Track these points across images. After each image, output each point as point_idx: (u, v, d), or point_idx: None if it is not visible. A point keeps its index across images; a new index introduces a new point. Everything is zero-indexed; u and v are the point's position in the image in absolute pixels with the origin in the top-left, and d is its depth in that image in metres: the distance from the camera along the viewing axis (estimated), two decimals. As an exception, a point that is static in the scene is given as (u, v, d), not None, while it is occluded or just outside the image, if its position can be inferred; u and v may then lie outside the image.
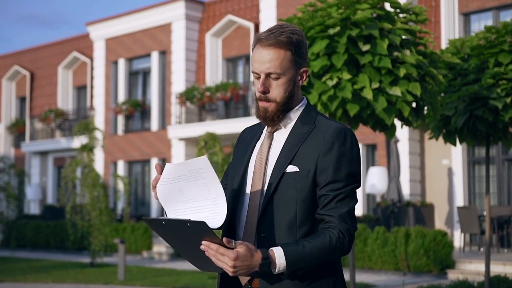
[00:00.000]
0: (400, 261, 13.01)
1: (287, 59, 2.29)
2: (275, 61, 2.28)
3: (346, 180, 2.26)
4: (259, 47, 2.31)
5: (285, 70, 2.30)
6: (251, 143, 2.46)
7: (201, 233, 2.03)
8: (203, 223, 2.00)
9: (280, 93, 2.32)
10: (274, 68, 2.28)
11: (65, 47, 25.87)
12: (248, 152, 2.44)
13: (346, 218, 2.23)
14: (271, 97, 2.32)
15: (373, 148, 17.47)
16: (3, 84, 27.83)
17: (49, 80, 26.24)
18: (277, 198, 2.27)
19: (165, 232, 2.12)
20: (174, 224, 2.06)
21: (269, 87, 2.31)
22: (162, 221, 2.06)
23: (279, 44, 2.28)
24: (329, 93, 6.17)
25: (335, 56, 6.16)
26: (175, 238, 2.12)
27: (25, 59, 27.52)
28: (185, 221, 2.02)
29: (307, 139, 2.30)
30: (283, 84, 2.31)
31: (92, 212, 15.13)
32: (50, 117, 24.66)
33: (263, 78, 2.31)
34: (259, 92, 2.32)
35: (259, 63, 2.30)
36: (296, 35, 2.32)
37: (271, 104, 2.32)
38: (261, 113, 2.35)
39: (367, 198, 17.37)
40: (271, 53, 2.28)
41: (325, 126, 2.32)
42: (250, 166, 2.40)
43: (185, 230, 2.05)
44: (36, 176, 25.71)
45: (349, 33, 6.15)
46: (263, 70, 2.29)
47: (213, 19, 21.42)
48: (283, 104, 2.33)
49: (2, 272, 14.43)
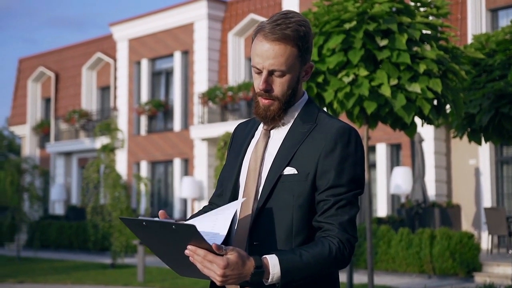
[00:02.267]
0: (425, 264, 12.70)
1: (293, 55, 2.06)
2: (280, 57, 2.05)
3: (349, 185, 2.04)
4: (262, 39, 2.06)
5: (290, 67, 2.07)
6: (246, 141, 2.25)
7: (188, 237, 1.85)
8: (192, 226, 1.81)
9: (283, 91, 2.10)
10: (278, 65, 2.05)
11: (89, 48, 25.94)
12: (242, 151, 2.23)
13: (347, 227, 2.02)
14: (274, 95, 2.10)
15: (397, 148, 17.14)
16: (29, 85, 28.03)
17: (74, 81, 26.35)
18: (272, 203, 2.06)
19: (145, 233, 1.95)
20: (156, 226, 1.88)
21: (271, 84, 2.09)
22: (143, 222, 1.89)
23: (285, 39, 2.04)
24: (345, 90, 5.94)
25: (352, 51, 5.94)
26: (156, 240, 1.95)
27: (50, 60, 27.68)
28: (170, 223, 1.84)
29: (307, 139, 2.09)
30: (287, 81, 2.09)
31: (113, 213, 15.06)
32: (74, 117, 24.75)
33: (265, 75, 2.08)
34: (260, 89, 2.09)
35: (262, 58, 2.06)
36: (303, 26, 2.08)
37: (274, 102, 2.10)
38: (261, 111, 2.12)
39: (392, 199, 17.05)
40: (276, 48, 2.04)
41: (327, 125, 2.10)
42: (243, 166, 2.19)
43: (168, 233, 1.88)
44: (61, 177, 25.82)
45: (366, 28, 5.92)
46: (266, 67, 2.06)
47: (236, 18, 21.26)
48: (286, 102, 2.12)
49: (24, 272, 14.44)
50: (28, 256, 18.76)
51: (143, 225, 1.89)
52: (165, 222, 1.85)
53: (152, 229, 1.90)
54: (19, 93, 28.94)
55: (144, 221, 1.88)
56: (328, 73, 6.07)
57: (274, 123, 2.15)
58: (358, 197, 2.10)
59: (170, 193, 22.31)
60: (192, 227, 1.81)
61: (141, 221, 1.89)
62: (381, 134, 16.46)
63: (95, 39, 26.03)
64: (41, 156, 27.45)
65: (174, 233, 1.86)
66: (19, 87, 29.02)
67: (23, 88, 28.64)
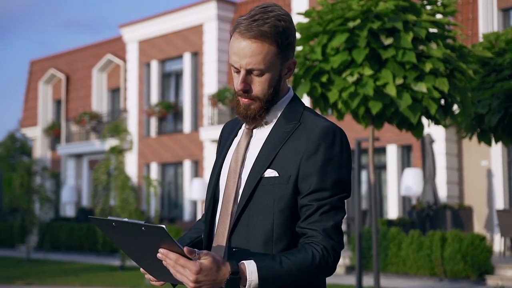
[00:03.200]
0: (436, 266, 12.52)
1: (271, 53, 1.95)
2: (258, 56, 1.93)
3: (333, 189, 1.92)
4: (239, 37, 1.95)
5: (270, 66, 1.96)
6: (229, 140, 2.15)
7: (158, 240, 1.76)
8: (161, 228, 1.71)
9: (264, 90, 1.99)
10: (256, 64, 1.94)
11: (99, 50, 25.97)
12: (224, 151, 2.13)
13: (331, 233, 1.90)
14: (254, 95, 1.99)
15: (408, 149, 16.97)
16: (40, 87, 28.10)
17: (84, 82, 26.38)
18: (252, 207, 1.95)
19: (116, 234, 1.86)
20: (125, 227, 1.78)
21: (250, 83, 1.98)
22: (112, 222, 1.80)
23: (262, 36, 1.93)
24: (350, 90, 5.83)
25: (356, 50, 5.82)
26: (127, 242, 1.86)
27: (61, 62, 27.74)
28: (139, 224, 1.74)
29: (290, 139, 1.98)
30: (267, 80, 1.98)
31: (121, 215, 14.98)
32: (84, 119, 24.77)
33: (243, 75, 1.97)
34: (238, 90, 1.98)
35: (239, 57, 1.95)
36: (283, 21, 1.96)
37: (253, 101, 2.00)
38: (242, 110, 2.01)
39: (402, 201, 16.87)
40: (252, 46, 1.93)
41: (311, 124, 1.98)
42: (224, 167, 2.09)
43: (139, 235, 1.78)
44: (72, 179, 25.85)
45: (371, 26, 5.80)
46: (243, 66, 1.96)
47: (245, 19, 21.15)
48: (267, 101, 2.01)
49: (33, 274, 14.42)
50: (38, 258, 18.76)
51: (113, 225, 1.80)
52: (134, 223, 1.75)
53: (122, 230, 1.81)
54: (30, 95, 29.04)
55: (113, 221, 1.79)
56: (332, 72, 5.95)
57: (255, 123, 2.04)
58: (345, 202, 1.98)
59: (180, 194, 22.26)
60: (161, 229, 1.71)
61: (110, 221, 1.80)
62: (392, 135, 16.30)
63: (105, 41, 26.06)
64: (52, 158, 27.50)
65: (144, 235, 1.76)
66: (30, 89, 29.11)
67: (34, 90, 28.73)
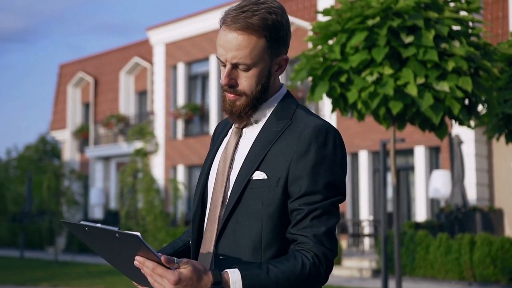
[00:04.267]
0: (465, 270, 12.25)
1: (259, 47, 1.83)
2: (244, 49, 1.81)
3: (325, 192, 1.79)
4: (225, 28, 1.84)
5: (257, 61, 1.84)
6: (219, 140, 2.04)
7: (134, 247, 1.66)
8: (135, 236, 1.61)
9: (251, 86, 1.87)
10: (242, 58, 1.82)
11: (126, 53, 26.11)
12: (213, 151, 2.02)
13: (323, 239, 1.77)
14: (240, 90, 1.87)
15: (436, 150, 16.67)
16: (69, 90, 28.37)
17: (112, 85, 26.55)
18: (240, 211, 1.83)
19: (90, 239, 1.77)
20: (99, 232, 1.70)
21: (236, 78, 1.86)
22: (85, 227, 1.70)
23: (249, 29, 1.81)
24: (369, 89, 5.67)
25: (375, 49, 5.66)
26: (103, 247, 1.77)
27: (89, 65, 27.97)
28: (113, 231, 1.64)
29: (280, 139, 1.85)
30: (254, 76, 1.86)
31: (147, 217, 15.00)
32: (112, 122, 24.92)
33: (228, 69, 1.85)
34: (223, 84, 1.87)
35: (224, 49, 1.84)
36: (274, 14, 1.83)
37: (240, 97, 1.88)
38: (227, 106, 1.90)
39: (431, 203, 16.57)
40: (239, 38, 1.81)
41: (303, 123, 1.85)
42: (213, 169, 1.97)
43: (113, 241, 1.68)
44: (100, 181, 26.01)
45: (390, 24, 5.64)
46: (228, 59, 1.83)
47: (271, 21, 21.05)
48: (254, 99, 1.88)
49: (59, 276, 14.50)
50: (65, 260, 18.88)
51: (86, 230, 1.71)
52: (108, 229, 1.65)
53: (96, 235, 1.72)
54: (59, 98, 29.34)
55: (86, 226, 1.70)
56: (351, 72, 5.81)
57: (241, 121, 1.92)
58: (339, 206, 1.85)
59: (207, 197, 22.22)
60: (135, 237, 1.61)
61: (83, 226, 1.70)
62: (419, 137, 16.02)
63: (133, 44, 26.20)
64: (81, 161, 27.72)
65: (119, 242, 1.67)
66: (59, 92, 29.42)
67: (63, 93, 29.01)
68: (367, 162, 17.81)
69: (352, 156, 18.37)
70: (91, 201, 24.82)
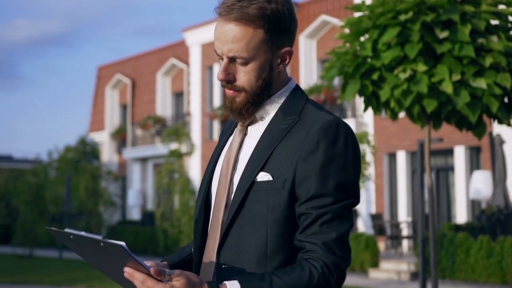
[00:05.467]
0: (508, 274, 11.87)
1: (257, 39, 1.68)
2: (240, 41, 1.68)
3: (336, 194, 1.63)
4: (221, 19, 1.71)
5: (255, 54, 1.69)
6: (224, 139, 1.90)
7: (120, 257, 1.55)
8: (119, 247, 1.50)
9: (250, 81, 1.72)
10: (238, 51, 1.68)
11: (163, 54, 26.21)
12: (218, 151, 1.87)
13: (333, 247, 1.61)
14: (239, 86, 1.73)
15: (477, 150, 16.24)
16: (107, 92, 28.62)
17: (149, 87, 26.69)
18: (244, 216, 1.68)
19: (77, 247, 1.68)
20: (84, 241, 1.60)
21: (234, 73, 1.72)
22: (70, 235, 1.61)
23: (244, 19, 1.67)
24: (403, 87, 5.46)
25: (409, 45, 5.45)
26: (91, 255, 1.67)
27: (127, 67, 28.18)
28: (97, 240, 1.53)
29: (286, 136, 1.69)
30: (253, 70, 1.71)
31: (182, 218, 14.99)
32: (149, 123, 25.04)
33: (225, 63, 1.71)
34: (220, 79, 1.73)
35: (220, 42, 1.70)
36: (274, 3, 1.69)
37: (239, 93, 1.74)
38: (227, 103, 1.76)
39: (471, 204, 16.14)
40: (234, 30, 1.68)
41: (311, 119, 1.69)
42: (216, 170, 1.83)
43: (99, 250, 1.58)
44: (137, 182, 26.15)
45: (424, 19, 5.41)
46: (225, 52, 1.70)
47: (307, 20, 20.85)
48: (255, 95, 1.73)
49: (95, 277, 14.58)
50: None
51: (71, 238, 1.62)
52: (93, 238, 1.54)
53: (81, 243, 1.62)
54: (98, 100, 29.63)
55: (71, 234, 1.60)
56: (383, 69, 5.60)
57: (242, 118, 1.77)
58: (352, 210, 1.68)
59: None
60: (119, 247, 1.49)
61: (68, 234, 1.60)
62: (459, 136, 15.62)
63: (169, 45, 26.28)
64: (119, 162, 27.94)
65: (105, 251, 1.56)
66: (98, 94, 29.72)
67: (102, 95, 29.30)
68: (405, 162, 17.47)
69: (390, 156, 18.05)
70: (129, 202, 24.97)
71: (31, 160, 37.38)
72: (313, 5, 20.94)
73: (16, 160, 40.36)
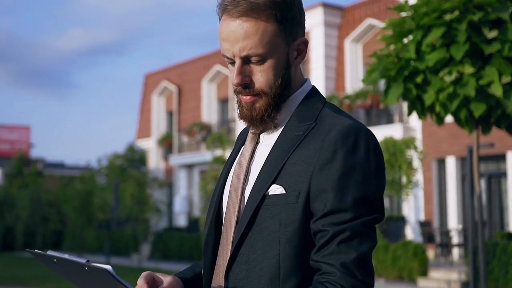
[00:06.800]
0: None
1: (270, 31, 1.51)
2: (253, 37, 1.50)
3: (356, 208, 1.44)
4: (226, 18, 1.53)
5: (271, 49, 1.51)
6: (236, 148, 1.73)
7: (108, 281, 1.43)
8: (104, 271, 1.38)
9: (269, 81, 1.53)
10: (253, 48, 1.50)
11: (208, 61, 26.27)
12: (230, 160, 1.70)
13: (353, 268, 1.41)
14: (257, 89, 1.54)
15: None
16: (154, 99, 28.85)
17: (194, 94, 26.79)
18: (253, 234, 1.51)
19: (61, 270, 1.56)
20: (68, 264, 1.49)
21: (250, 75, 1.53)
22: (54, 258, 1.50)
23: (255, 11, 1.49)
24: (448, 90, 5.20)
25: (454, 46, 5.18)
26: (77, 278, 1.55)
27: (173, 74, 28.36)
28: (82, 264, 1.41)
29: (301, 145, 1.51)
30: (271, 68, 1.53)
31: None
32: (194, 130, 25.11)
33: (239, 65, 1.53)
34: (235, 84, 1.54)
35: (230, 43, 1.52)
36: None
37: (258, 98, 1.55)
38: (245, 111, 1.56)
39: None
40: (244, 25, 1.50)
41: (328, 124, 1.50)
42: (228, 182, 1.66)
43: (84, 274, 1.47)
44: (184, 189, 26.22)
45: (471, 18, 5.14)
46: (237, 53, 1.52)
47: (353, 24, 20.56)
48: (276, 96, 1.54)
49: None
50: (149, 267, 19.04)
51: (54, 261, 1.50)
52: (77, 261, 1.42)
53: (66, 266, 1.51)
54: (145, 107, 29.90)
55: (54, 257, 1.48)
56: (428, 72, 5.34)
57: (264, 126, 1.59)
58: (375, 227, 1.48)
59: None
60: (104, 271, 1.36)
61: (51, 257, 1.49)
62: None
63: (214, 52, 26.33)
64: (166, 169, 28.09)
65: (90, 275, 1.45)
66: (145, 101, 29.99)
67: (148, 102, 29.55)
68: (455, 168, 16.98)
69: (439, 162, 17.59)
70: (175, 209, 25.05)
71: (81, 167, 38.00)
72: (358, 9, 20.63)
73: (68, 167, 41.16)
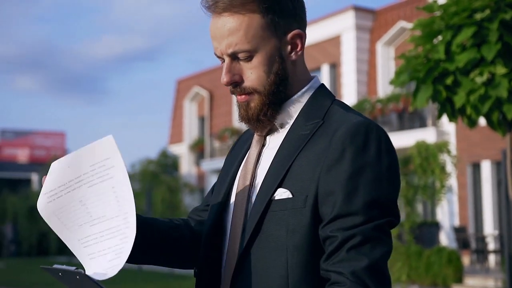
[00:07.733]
0: None
1: (255, 25, 1.43)
2: (237, 32, 1.43)
3: (366, 211, 1.33)
4: (212, 15, 1.48)
5: (258, 43, 1.44)
6: (242, 150, 1.63)
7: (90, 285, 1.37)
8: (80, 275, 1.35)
9: (260, 78, 1.46)
10: (238, 44, 1.44)
11: (239, 66, 26.31)
12: (235, 164, 1.61)
13: (364, 277, 1.30)
14: (248, 87, 1.47)
15: None
16: (185, 105, 28.97)
17: (225, 99, 26.82)
18: (259, 242, 1.42)
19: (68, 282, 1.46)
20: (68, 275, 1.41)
21: (240, 73, 1.47)
22: (59, 272, 1.43)
23: (236, 5, 1.43)
24: (479, 92, 5.04)
25: (486, 46, 5.02)
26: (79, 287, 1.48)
27: (204, 80, 28.46)
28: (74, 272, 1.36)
29: (308, 145, 1.42)
30: (260, 64, 1.45)
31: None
32: (226, 135, 25.13)
33: (227, 62, 1.47)
34: (224, 83, 1.49)
35: (217, 41, 1.47)
36: None
37: (251, 96, 1.48)
38: (242, 111, 1.51)
39: None
40: (228, 21, 1.44)
41: (336, 122, 1.41)
42: (234, 186, 1.57)
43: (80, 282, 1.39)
44: (215, 194, 26.26)
45: (503, 17, 4.98)
46: (224, 50, 1.46)
47: (385, 28, 20.34)
48: (270, 94, 1.47)
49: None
50: (181, 273, 19.06)
51: (59, 275, 1.43)
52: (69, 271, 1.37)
53: (70, 278, 1.42)
54: (177, 113, 30.05)
55: (60, 271, 1.41)
56: (458, 73, 5.19)
57: (263, 126, 1.50)
58: (389, 231, 1.37)
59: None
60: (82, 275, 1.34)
61: (57, 270, 1.42)
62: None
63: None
64: (198, 174, 28.15)
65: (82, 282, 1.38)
66: (177, 107, 30.14)
67: (180, 108, 29.69)
68: (491, 172, 16.63)
69: (474, 166, 17.25)
70: (207, 214, 25.08)
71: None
72: (390, 12, 20.41)
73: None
